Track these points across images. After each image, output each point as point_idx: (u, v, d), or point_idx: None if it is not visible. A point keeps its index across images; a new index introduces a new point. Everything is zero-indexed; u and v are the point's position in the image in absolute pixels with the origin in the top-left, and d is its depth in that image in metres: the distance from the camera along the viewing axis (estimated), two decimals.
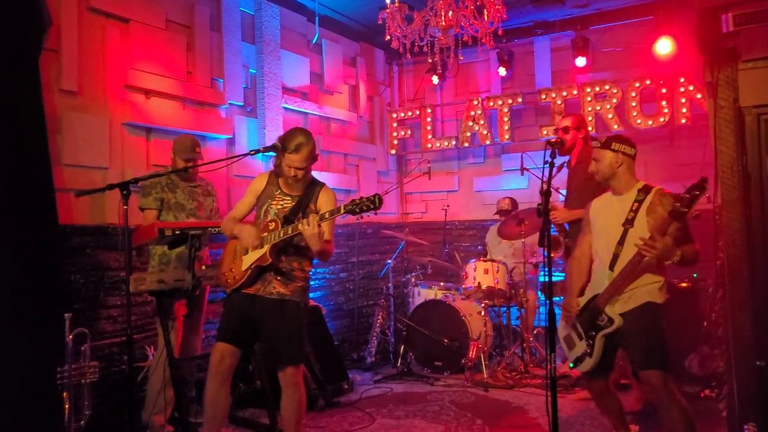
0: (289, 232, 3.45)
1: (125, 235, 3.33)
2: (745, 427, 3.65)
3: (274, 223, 3.55)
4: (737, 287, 4.01)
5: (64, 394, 3.50)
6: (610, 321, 3.53)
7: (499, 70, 7.75)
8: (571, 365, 3.83)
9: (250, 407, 4.98)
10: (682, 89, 6.54)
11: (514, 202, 6.94)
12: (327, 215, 3.40)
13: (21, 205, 3.91)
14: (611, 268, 3.56)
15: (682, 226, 3.41)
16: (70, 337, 3.55)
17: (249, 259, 3.58)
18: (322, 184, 3.79)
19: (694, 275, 5.75)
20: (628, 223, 3.55)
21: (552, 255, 4.92)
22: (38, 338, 3.75)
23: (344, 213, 3.36)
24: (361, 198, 3.33)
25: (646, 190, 3.61)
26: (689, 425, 3.37)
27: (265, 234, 3.55)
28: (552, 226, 4.97)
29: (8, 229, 3.84)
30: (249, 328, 3.66)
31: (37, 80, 4.12)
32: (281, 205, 3.66)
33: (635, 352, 3.50)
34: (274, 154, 3.70)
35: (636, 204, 3.56)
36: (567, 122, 5.03)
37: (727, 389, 4.12)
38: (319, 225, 3.35)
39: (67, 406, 3.49)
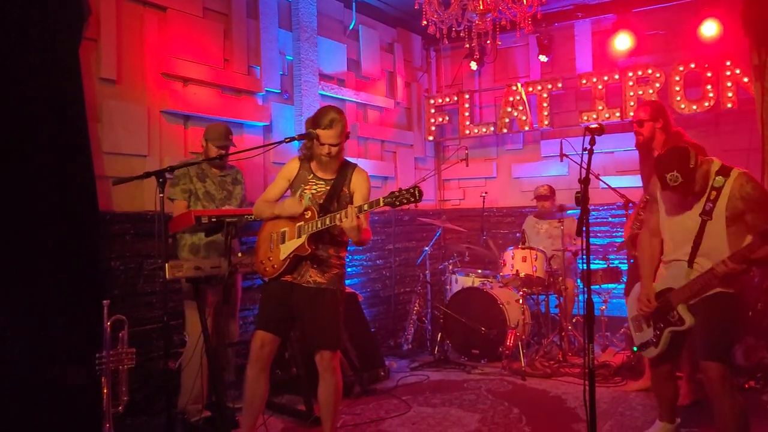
0: (327, 222, 3.42)
1: (161, 222, 3.36)
2: None
3: (310, 212, 3.53)
4: None
5: (102, 379, 3.55)
6: (681, 321, 3.45)
7: (539, 57, 7.63)
8: (635, 348, 3.79)
9: (286, 394, 5.01)
10: (728, 73, 6.34)
11: (552, 189, 6.84)
12: (366, 207, 3.35)
13: (62, 193, 3.99)
14: (690, 264, 3.43)
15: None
16: (108, 323, 3.60)
17: (287, 249, 3.57)
18: (354, 165, 3.77)
19: None
20: (706, 214, 3.34)
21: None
22: (77, 324, 3.82)
23: (383, 205, 3.32)
24: (401, 190, 3.28)
25: (724, 172, 3.34)
26: (740, 422, 3.28)
27: (302, 223, 3.53)
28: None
29: (50, 216, 3.92)
30: (287, 317, 3.68)
31: (77, 69, 4.19)
32: (315, 189, 3.64)
33: (699, 340, 3.41)
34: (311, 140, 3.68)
35: (714, 192, 3.33)
36: (642, 114, 4.67)
37: None
38: (358, 217, 3.33)
39: (105, 392, 3.54)
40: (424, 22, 5.11)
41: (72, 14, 4.17)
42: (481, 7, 4.91)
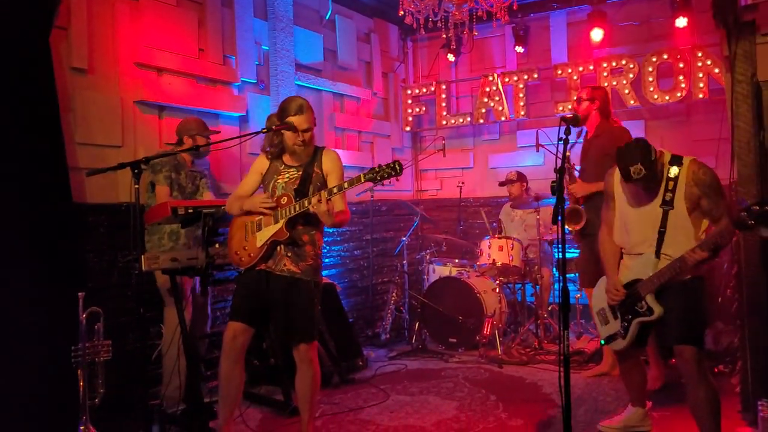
0: (306, 204, 3.45)
1: (136, 213, 3.33)
2: (759, 402, 3.63)
3: (286, 198, 3.55)
4: (751, 263, 3.99)
5: (78, 372, 3.53)
6: (650, 311, 3.49)
7: (515, 47, 7.66)
8: (603, 342, 3.83)
9: (264, 384, 5.02)
10: (700, 63, 6.42)
11: (519, 175, 6.91)
12: (346, 185, 3.39)
13: (35, 184, 3.93)
14: (657, 254, 3.48)
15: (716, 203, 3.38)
16: (84, 315, 3.57)
17: (264, 235, 3.58)
18: (323, 147, 3.80)
19: None
20: (667, 204, 3.42)
21: (575, 227, 4.91)
22: (53, 317, 3.78)
23: (365, 182, 3.34)
24: (380, 165, 3.31)
25: (676, 162, 3.45)
26: (714, 405, 3.36)
27: (278, 209, 3.55)
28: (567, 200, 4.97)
29: (23, 208, 3.86)
30: (262, 306, 3.67)
31: (48, 58, 4.11)
32: (288, 177, 3.66)
33: (672, 326, 3.46)
34: (287, 131, 3.69)
35: (671, 182, 3.42)
36: (581, 94, 5.05)
37: (741, 365, 4.12)
38: (329, 200, 3.37)
39: (81, 384, 3.52)
40: (401, 12, 5.11)
41: (41, 2, 4.10)
42: None
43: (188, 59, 5.39)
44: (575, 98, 5.14)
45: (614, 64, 6.90)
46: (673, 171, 3.43)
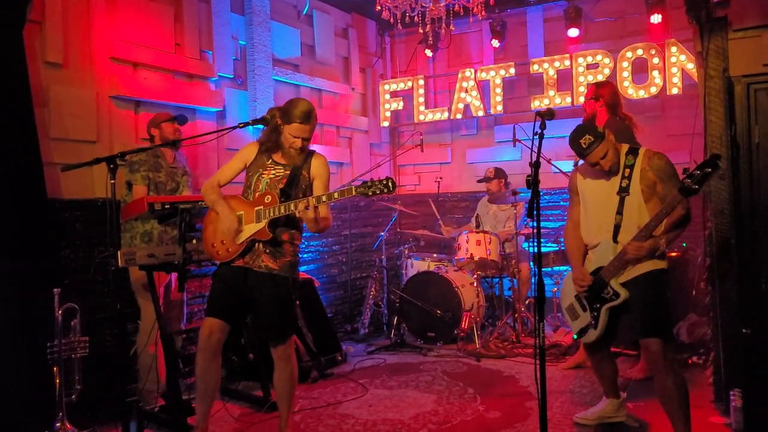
0: (291, 208, 3.41)
1: (113, 209, 3.31)
2: (731, 393, 3.72)
3: (270, 197, 3.51)
4: (724, 256, 4.05)
5: (55, 369, 3.50)
6: (616, 294, 3.56)
7: (492, 42, 7.70)
8: (576, 336, 3.88)
9: (242, 380, 5.02)
10: (674, 59, 6.50)
11: (496, 172, 6.97)
12: (336, 195, 3.33)
13: (8, 180, 3.89)
14: (615, 239, 3.57)
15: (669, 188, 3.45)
16: (60, 312, 3.55)
17: (244, 233, 3.55)
18: (313, 151, 3.76)
19: (683, 244, 5.79)
20: (623, 191, 3.55)
21: None
22: (28, 314, 3.74)
23: (355, 194, 3.31)
24: (372, 180, 3.28)
25: (633, 152, 3.60)
26: (682, 395, 3.42)
27: (260, 208, 3.51)
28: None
29: None
30: (239, 302, 3.64)
31: (21, 52, 4.06)
32: (273, 174, 3.62)
33: (638, 319, 3.53)
34: (263, 126, 3.67)
35: (627, 170, 3.56)
36: (587, 93, 5.00)
37: (714, 356, 4.19)
38: (316, 208, 3.34)
39: (57, 381, 3.50)
40: (378, 8, 5.13)
41: None
42: None
43: (164, 54, 5.35)
44: (583, 101, 5.08)
45: (590, 59, 6.97)
46: (630, 160, 3.58)
